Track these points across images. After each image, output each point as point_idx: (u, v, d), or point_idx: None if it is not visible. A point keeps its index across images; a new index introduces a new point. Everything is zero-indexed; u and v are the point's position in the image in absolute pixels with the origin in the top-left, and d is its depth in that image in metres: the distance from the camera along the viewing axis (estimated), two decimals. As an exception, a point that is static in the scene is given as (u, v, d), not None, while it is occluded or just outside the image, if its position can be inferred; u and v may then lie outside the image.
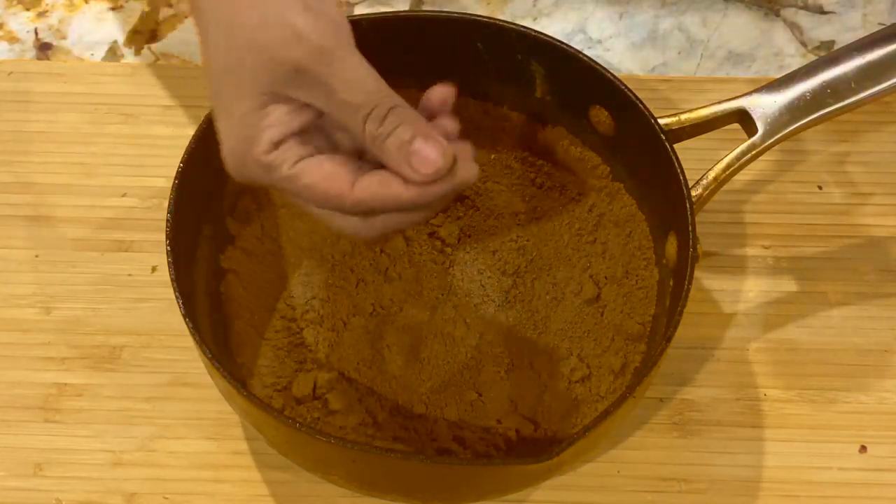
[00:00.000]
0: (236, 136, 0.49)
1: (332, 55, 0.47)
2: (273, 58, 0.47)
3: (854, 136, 0.72)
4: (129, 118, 0.73)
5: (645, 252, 0.63)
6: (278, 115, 0.48)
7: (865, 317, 0.66)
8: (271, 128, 0.48)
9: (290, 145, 0.49)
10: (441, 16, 0.64)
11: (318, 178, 0.48)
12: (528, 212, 0.67)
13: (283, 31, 0.47)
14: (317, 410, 0.60)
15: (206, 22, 0.49)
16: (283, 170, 0.48)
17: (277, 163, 0.48)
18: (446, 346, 0.62)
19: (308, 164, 0.48)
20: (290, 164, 0.48)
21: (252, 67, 0.48)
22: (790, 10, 0.79)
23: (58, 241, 0.68)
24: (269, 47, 0.47)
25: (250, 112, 0.48)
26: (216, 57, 0.49)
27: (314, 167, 0.48)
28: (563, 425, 0.60)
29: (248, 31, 0.48)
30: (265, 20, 0.47)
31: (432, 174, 0.47)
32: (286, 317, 0.63)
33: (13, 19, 0.78)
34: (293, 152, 0.48)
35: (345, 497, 0.61)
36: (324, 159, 0.49)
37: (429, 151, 0.47)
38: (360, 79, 0.48)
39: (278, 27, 0.47)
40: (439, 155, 0.47)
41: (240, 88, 0.48)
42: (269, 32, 0.47)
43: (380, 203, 0.49)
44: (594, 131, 0.64)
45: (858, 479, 0.62)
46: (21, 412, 0.63)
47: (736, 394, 0.64)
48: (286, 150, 0.48)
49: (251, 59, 0.48)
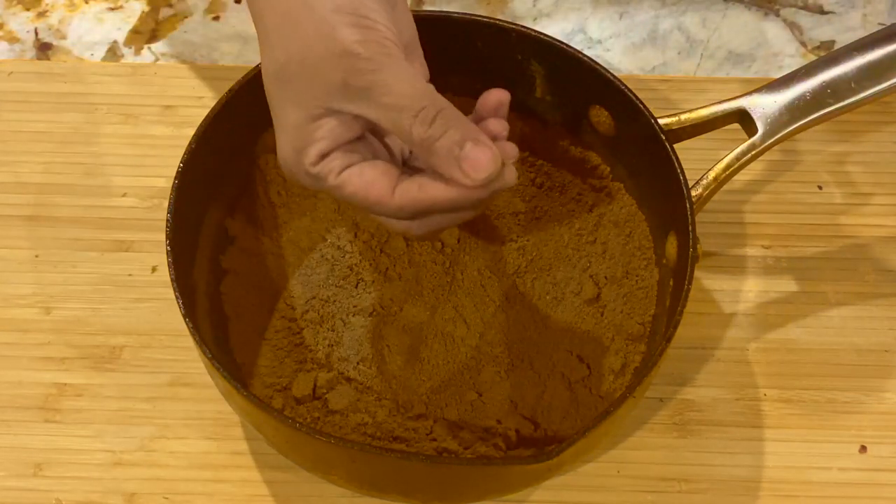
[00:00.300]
0: (289, 146, 0.51)
1: (378, 65, 0.48)
2: (323, 74, 0.49)
3: (854, 136, 0.72)
4: (129, 118, 0.73)
5: (645, 252, 0.63)
6: (329, 128, 0.50)
7: (865, 317, 0.66)
8: (321, 140, 0.50)
9: (336, 156, 0.50)
10: (441, 16, 0.64)
11: (360, 186, 0.50)
12: (528, 212, 0.67)
13: (332, 48, 0.48)
14: (317, 410, 0.60)
15: (264, 33, 0.51)
16: (330, 180, 0.50)
17: (324, 173, 0.50)
18: (446, 346, 0.62)
19: (351, 173, 0.50)
20: (335, 175, 0.50)
21: (304, 83, 0.49)
22: (790, 10, 0.79)
23: (58, 241, 0.68)
24: (319, 64, 0.49)
25: (302, 125, 0.50)
26: (272, 69, 0.51)
27: (356, 176, 0.50)
28: (563, 425, 0.60)
29: (300, 48, 0.49)
30: (316, 37, 0.49)
31: (483, 179, 0.48)
32: (286, 317, 0.63)
33: (13, 19, 0.78)
34: (338, 162, 0.50)
35: (345, 497, 0.61)
36: (365, 167, 0.50)
37: (480, 156, 0.48)
38: (407, 82, 0.48)
39: (325, 44, 0.48)
40: (490, 160, 0.48)
41: (294, 101, 0.50)
42: (319, 50, 0.49)
43: (420, 207, 0.50)
44: (594, 131, 0.64)
45: (858, 479, 0.62)
46: (21, 412, 0.63)
47: (736, 394, 0.64)
48: (332, 160, 0.50)
49: (303, 75, 0.49)
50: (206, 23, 0.78)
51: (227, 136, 0.61)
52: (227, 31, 0.78)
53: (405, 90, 0.48)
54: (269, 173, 0.65)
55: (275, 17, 0.50)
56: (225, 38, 0.77)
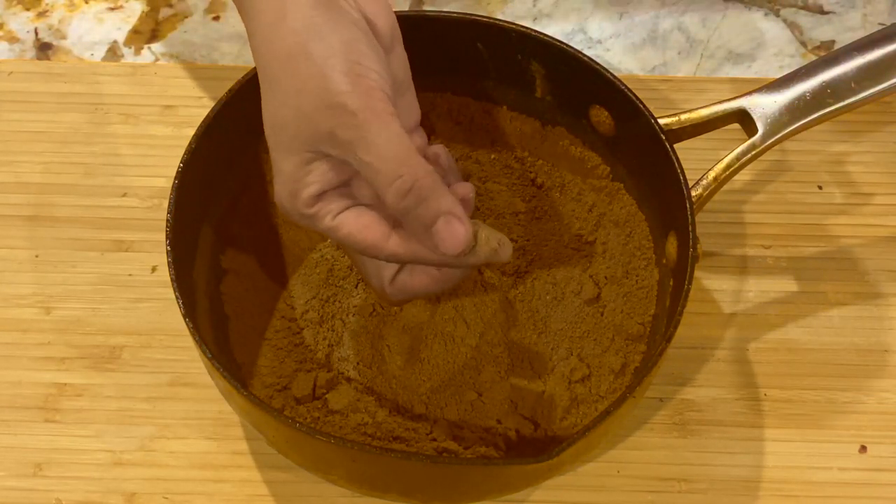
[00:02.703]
0: (284, 187, 0.52)
1: (363, 121, 0.49)
2: (311, 122, 0.50)
3: (854, 136, 0.72)
4: (129, 118, 0.73)
5: (645, 252, 0.63)
6: (320, 171, 0.51)
7: (865, 317, 0.66)
8: (313, 184, 0.51)
9: (332, 198, 0.51)
10: (441, 16, 0.64)
11: (356, 229, 0.51)
12: (528, 212, 0.67)
13: (320, 98, 0.49)
14: (317, 410, 0.60)
15: (262, 75, 0.52)
16: (326, 221, 0.51)
17: (321, 215, 0.51)
18: (446, 346, 0.62)
19: (347, 216, 0.51)
20: (332, 216, 0.51)
21: (295, 128, 0.50)
22: (790, 10, 0.79)
23: (58, 241, 0.68)
24: (308, 113, 0.49)
25: (296, 168, 0.51)
26: (269, 111, 0.52)
27: (353, 219, 0.51)
28: (563, 425, 0.60)
29: (292, 94, 0.50)
30: (307, 85, 0.49)
31: (454, 254, 0.49)
32: (286, 317, 0.63)
33: (13, 19, 0.78)
34: (335, 205, 0.51)
35: (345, 497, 0.61)
36: (363, 211, 0.52)
37: (451, 232, 0.49)
38: (385, 146, 0.49)
39: (316, 94, 0.49)
40: (461, 237, 0.49)
41: (287, 145, 0.51)
42: (308, 98, 0.49)
43: (415, 257, 0.51)
44: (594, 131, 0.64)
45: (858, 479, 0.62)
46: (21, 412, 0.63)
47: (736, 394, 0.64)
48: (328, 202, 0.51)
49: (294, 121, 0.50)
50: (206, 23, 0.78)
51: (227, 135, 0.61)
52: (227, 31, 0.78)
53: (384, 154, 0.49)
54: (268, 173, 0.65)
55: (273, 61, 0.51)
56: (225, 38, 0.77)
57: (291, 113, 0.50)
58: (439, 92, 0.66)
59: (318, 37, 0.50)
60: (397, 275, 0.54)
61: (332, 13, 0.50)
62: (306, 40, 0.50)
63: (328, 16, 0.50)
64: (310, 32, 0.50)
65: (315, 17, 0.50)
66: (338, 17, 0.51)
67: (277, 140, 0.51)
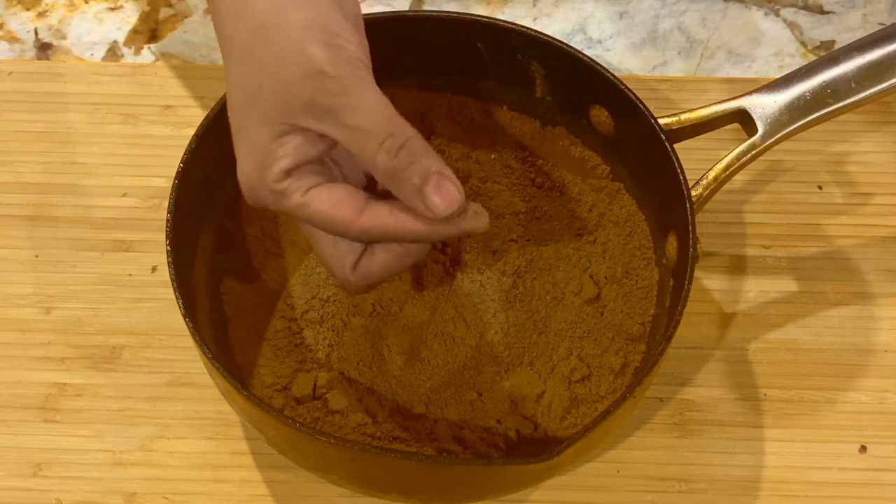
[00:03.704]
0: (252, 161, 0.50)
1: (347, 86, 0.48)
2: (290, 91, 0.48)
3: (854, 136, 0.72)
4: (129, 118, 0.73)
5: (645, 252, 0.63)
6: (294, 145, 0.49)
7: (865, 317, 0.66)
8: (285, 157, 0.49)
9: (303, 173, 0.50)
10: (441, 16, 0.64)
11: (327, 204, 0.50)
12: (528, 212, 0.67)
13: (300, 65, 0.48)
14: (317, 410, 0.60)
15: (231, 48, 0.50)
16: (295, 197, 0.50)
17: (291, 190, 0.50)
18: (446, 346, 0.62)
19: (318, 191, 0.50)
20: (302, 192, 0.50)
21: (270, 98, 0.49)
22: (790, 10, 0.79)
23: (58, 241, 0.68)
24: (287, 81, 0.48)
25: (267, 141, 0.49)
26: (237, 81, 0.50)
27: (324, 194, 0.50)
28: (563, 425, 0.60)
29: (267, 63, 0.49)
30: (284, 53, 0.48)
31: (446, 213, 0.48)
32: (286, 317, 0.63)
33: (13, 19, 0.78)
34: (306, 181, 0.50)
35: (345, 497, 0.61)
36: (334, 187, 0.50)
37: (444, 191, 0.48)
38: (373, 107, 0.48)
39: (296, 61, 0.48)
40: (454, 196, 0.48)
41: (259, 116, 0.49)
42: (286, 66, 0.48)
43: (385, 233, 0.50)
44: (594, 131, 0.64)
45: (858, 479, 0.62)
46: (21, 412, 0.63)
47: (736, 394, 0.64)
48: (298, 178, 0.50)
49: (270, 91, 0.49)
50: (206, 23, 0.78)
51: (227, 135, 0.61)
52: (227, 31, 0.78)
53: (372, 115, 0.48)
54: (269, 173, 0.64)
55: (245, 32, 0.50)
56: (225, 38, 0.77)
57: (268, 81, 0.49)
58: (439, 92, 0.66)
59: (293, 8, 0.49)
60: (359, 260, 0.53)
61: None
62: (281, 11, 0.48)
63: None
64: (284, 3, 0.49)
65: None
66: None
67: (249, 111, 0.50)
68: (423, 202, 0.48)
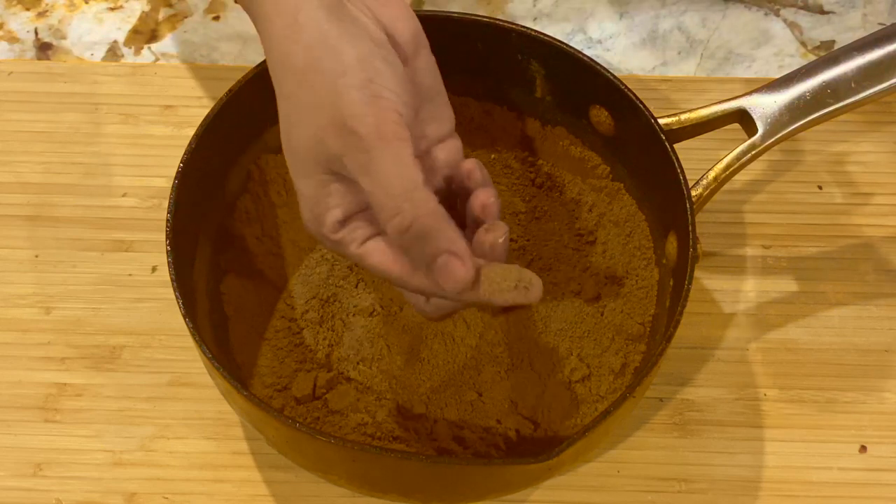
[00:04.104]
0: (307, 212, 0.51)
1: (370, 147, 0.47)
2: (324, 142, 0.48)
3: (854, 136, 0.72)
4: (129, 118, 0.73)
5: (645, 252, 0.63)
6: (340, 194, 0.50)
7: (865, 317, 0.66)
8: (335, 208, 0.50)
9: (357, 225, 0.50)
10: (441, 16, 0.64)
11: (381, 259, 0.50)
12: (528, 212, 0.67)
13: (332, 116, 0.48)
14: (317, 410, 0.60)
15: (278, 95, 0.51)
16: (352, 248, 0.51)
17: (346, 241, 0.50)
18: (446, 346, 0.62)
19: (373, 246, 0.50)
20: (357, 244, 0.50)
21: (309, 149, 0.49)
22: (790, 10, 0.79)
23: (58, 241, 0.68)
24: (321, 131, 0.48)
25: (314, 191, 0.50)
26: (285, 131, 0.51)
27: (379, 252, 0.50)
28: (563, 425, 0.60)
29: (305, 113, 0.49)
30: (320, 101, 0.48)
31: (456, 292, 0.48)
32: (286, 317, 0.63)
33: (13, 19, 0.78)
34: (360, 233, 0.50)
35: (345, 497, 0.61)
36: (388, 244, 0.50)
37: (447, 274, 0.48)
38: (389, 177, 0.47)
39: (329, 112, 0.48)
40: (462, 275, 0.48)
41: (303, 166, 0.50)
42: (321, 116, 0.48)
43: (436, 293, 0.50)
44: (594, 131, 0.64)
45: (858, 479, 0.62)
46: (21, 412, 0.63)
47: (736, 394, 0.64)
48: (353, 229, 0.50)
49: (308, 141, 0.49)
50: (206, 23, 0.78)
51: (227, 136, 0.61)
52: (227, 31, 0.78)
53: (386, 184, 0.47)
54: (269, 173, 0.65)
55: (292, 78, 0.49)
56: (225, 38, 0.77)
57: (305, 133, 0.49)
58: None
59: (331, 52, 0.48)
60: None
61: (345, 25, 0.49)
62: (320, 56, 0.48)
63: (342, 28, 0.49)
64: (324, 48, 0.48)
65: (329, 30, 0.48)
66: (353, 30, 0.49)
67: (294, 161, 0.50)
68: (432, 279, 0.48)
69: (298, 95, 0.49)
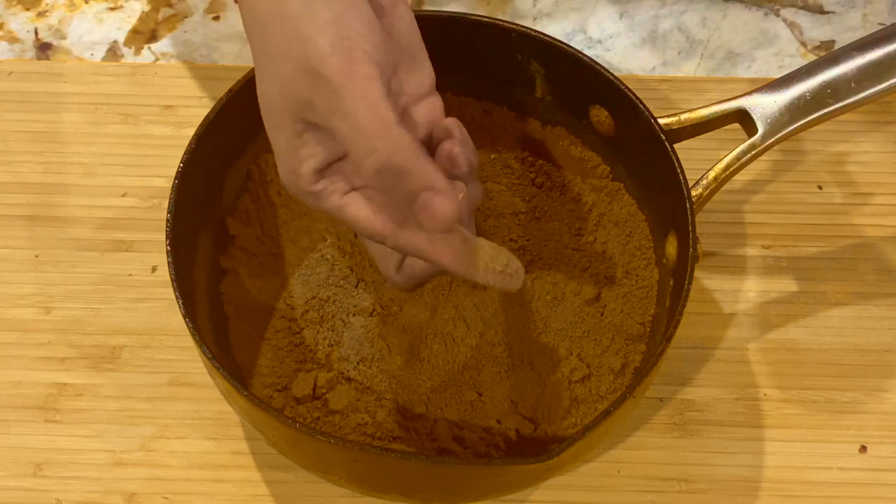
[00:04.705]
0: (284, 166, 0.49)
1: (339, 88, 0.46)
2: (293, 88, 0.47)
3: (854, 136, 0.72)
4: (129, 118, 0.73)
5: (645, 252, 0.63)
6: (314, 142, 0.48)
7: (865, 317, 0.66)
8: (310, 158, 0.48)
9: (336, 178, 0.49)
10: (441, 16, 0.64)
11: (363, 214, 0.49)
12: (528, 212, 0.67)
13: (298, 60, 0.47)
14: (317, 410, 0.60)
15: (252, 50, 0.50)
16: (333, 199, 0.49)
17: (327, 193, 0.49)
18: (446, 346, 0.62)
19: (353, 198, 0.49)
20: (338, 196, 0.49)
21: (279, 98, 0.48)
22: (790, 10, 0.79)
23: (58, 241, 0.68)
24: (289, 78, 0.47)
25: (288, 142, 0.48)
26: (259, 90, 0.49)
27: (360, 205, 0.49)
28: (563, 425, 0.60)
29: (274, 61, 0.48)
30: (286, 47, 0.47)
31: (443, 228, 0.46)
32: (286, 317, 0.63)
33: (13, 19, 0.78)
34: (340, 185, 0.49)
35: (345, 497, 0.61)
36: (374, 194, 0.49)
37: (429, 214, 0.46)
38: (360, 116, 0.46)
39: (295, 56, 0.47)
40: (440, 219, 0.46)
41: (277, 119, 0.49)
42: (288, 63, 0.47)
43: (419, 255, 0.49)
44: (594, 131, 0.64)
45: (858, 479, 0.62)
46: (21, 412, 0.63)
47: (736, 394, 0.64)
48: (333, 181, 0.49)
49: (278, 90, 0.48)
50: (206, 23, 0.78)
51: (227, 135, 0.61)
52: (227, 31, 0.78)
53: (359, 123, 0.46)
54: (269, 173, 0.65)
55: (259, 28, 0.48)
56: (225, 38, 0.77)
57: (275, 84, 0.48)
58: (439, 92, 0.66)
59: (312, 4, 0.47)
60: (404, 261, 0.53)
61: None
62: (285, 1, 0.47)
63: None
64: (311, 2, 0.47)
65: None
66: None
67: (268, 116, 0.49)
68: (418, 218, 0.46)
69: (266, 47, 0.48)
